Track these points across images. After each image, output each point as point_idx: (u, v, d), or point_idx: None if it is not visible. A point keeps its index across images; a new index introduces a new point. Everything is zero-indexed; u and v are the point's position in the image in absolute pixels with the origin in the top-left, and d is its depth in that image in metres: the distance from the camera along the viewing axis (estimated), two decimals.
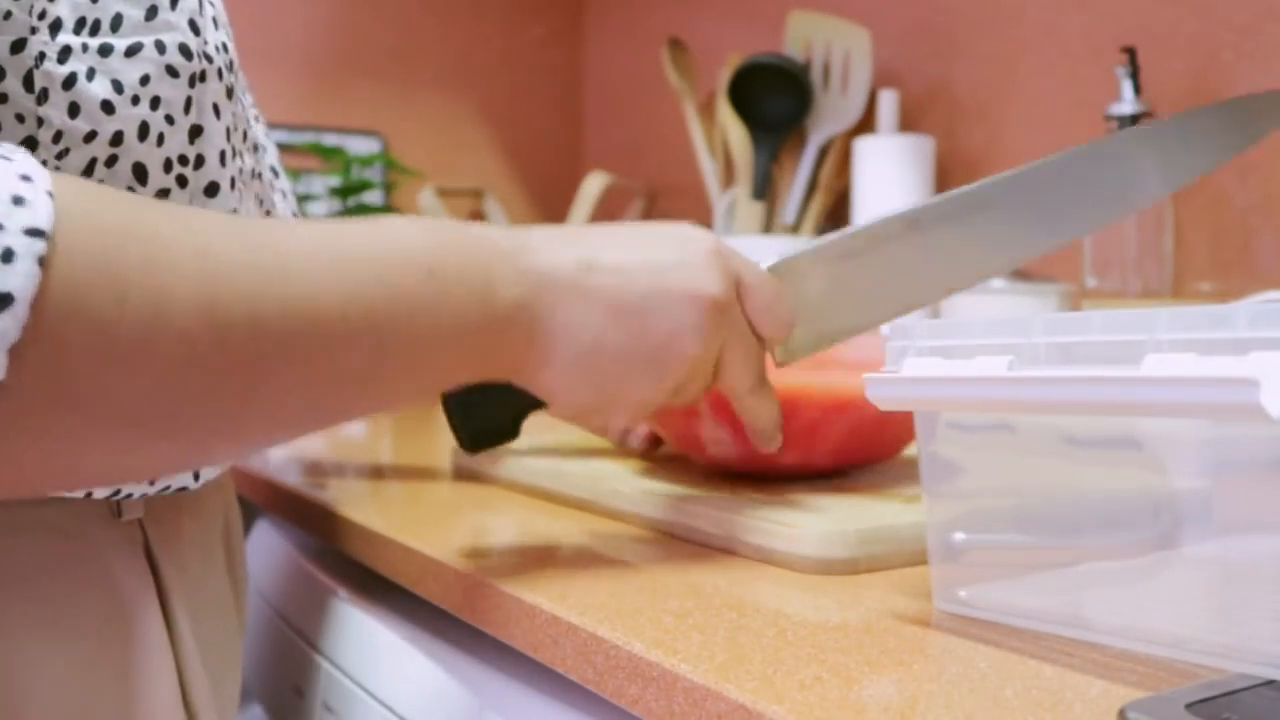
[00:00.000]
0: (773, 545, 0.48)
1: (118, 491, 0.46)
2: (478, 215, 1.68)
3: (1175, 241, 1.01)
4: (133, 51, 0.41)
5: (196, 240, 0.33)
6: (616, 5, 1.85)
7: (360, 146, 1.61)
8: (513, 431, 0.51)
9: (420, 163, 1.63)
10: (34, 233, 0.29)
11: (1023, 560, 0.40)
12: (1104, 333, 0.33)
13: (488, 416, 0.50)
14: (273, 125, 1.26)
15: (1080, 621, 0.37)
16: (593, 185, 1.67)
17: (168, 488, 0.47)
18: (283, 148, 1.16)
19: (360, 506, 0.63)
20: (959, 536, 0.40)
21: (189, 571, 0.50)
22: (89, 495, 0.45)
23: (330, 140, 1.58)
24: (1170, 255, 0.99)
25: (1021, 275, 1.01)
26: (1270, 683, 0.31)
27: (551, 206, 1.74)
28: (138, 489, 0.46)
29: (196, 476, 0.49)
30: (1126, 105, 0.97)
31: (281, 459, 0.87)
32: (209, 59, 0.45)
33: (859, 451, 0.58)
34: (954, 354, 0.37)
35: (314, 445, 0.97)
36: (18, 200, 0.29)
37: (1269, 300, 0.74)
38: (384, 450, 0.96)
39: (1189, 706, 0.29)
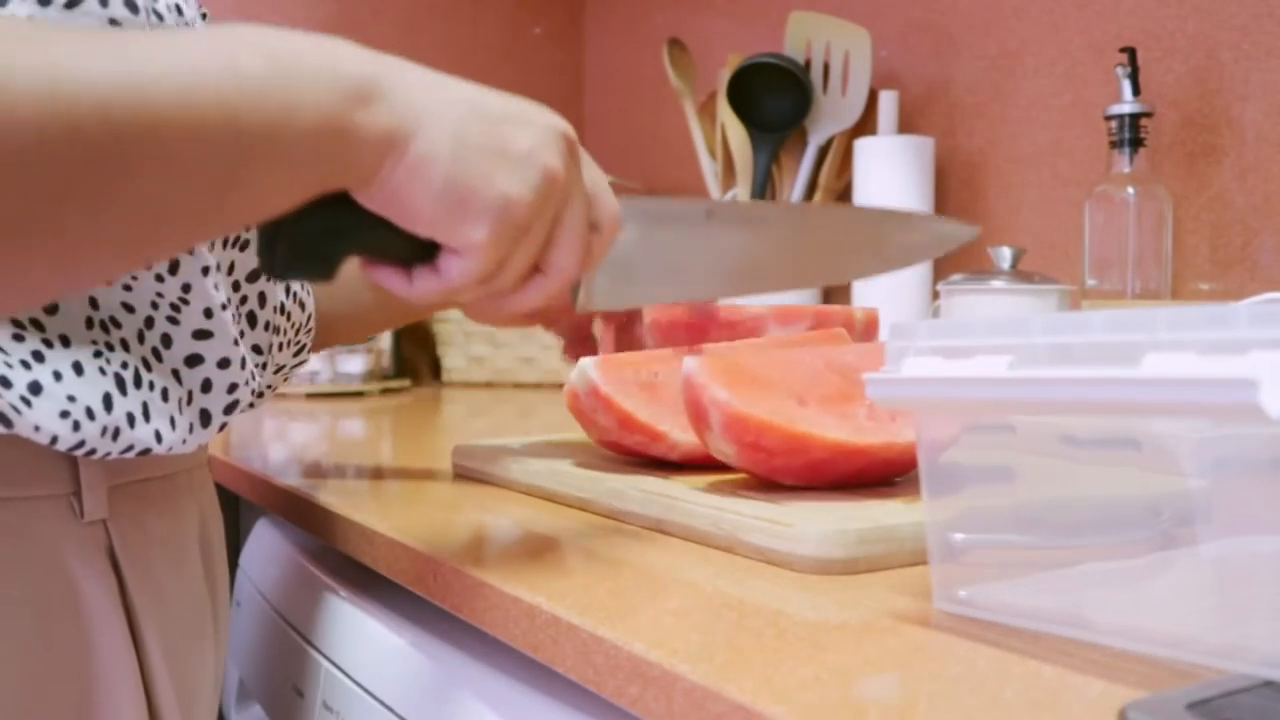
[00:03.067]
0: (772, 545, 0.48)
1: (78, 487, 0.45)
2: None
3: (1175, 241, 1.01)
4: (73, 3, 0.41)
5: (31, 33, 0.32)
6: (616, 5, 1.85)
7: None
8: (329, 268, 0.45)
9: None
10: None
11: (1023, 560, 0.40)
12: (1104, 333, 0.33)
13: (307, 241, 0.44)
14: None
15: (1080, 621, 0.37)
16: None
17: (130, 448, 0.46)
18: None
19: (360, 506, 0.63)
20: (959, 536, 0.40)
21: (157, 576, 0.49)
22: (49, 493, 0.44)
23: None
24: (1170, 255, 0.99)
25: (1021, 275, 1.01)
26: (1270, 683, 0.31)
27: None
28: (97, 477, 0.46)
29: (159, 438, 0.47)
30: (1126, 105, 0.97)
31: (281, 459, 0.87)
32: (159, 16, 0.44)
33: (861, 482, 0.59)
34: (954, 354, 0.37)
35: (314, 445, 0.97)
36: None
37: (1269, 300, 0.74)
38: (384, 450, 0.96)
39: (1189, 706, 0.29)
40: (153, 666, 0.48)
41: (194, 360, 0.49)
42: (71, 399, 0.43)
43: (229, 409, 0.51)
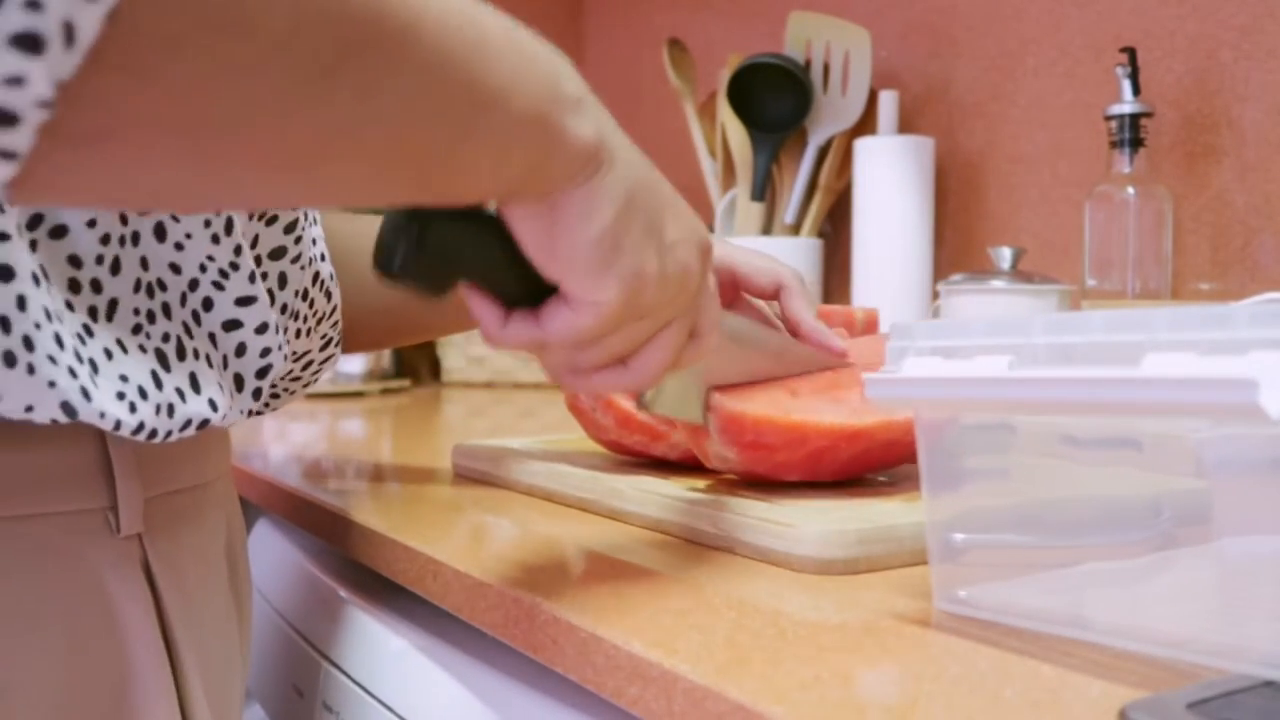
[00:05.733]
0: (772, 545, 0.48)
1: (114, 502, 0.45)
2: None
3: (1175, 241, 1.01)
4: None
5: None
6: (616, 5, 1.85)
7: None
8: (443, 285, 0.43)
9: None
10: None
11: (1023, 560, 0.40)
12: (1104, 333, 0.33)
13: (433, 249, 0.42)
14: None
15: (1080, 621, 0.37)
16: None
17: (189, 423, 0.45)
18: None
19: (360, 506, 0.63)
20: (959, 536, 0.40)
21: (190, 588, 0.49)
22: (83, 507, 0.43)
23: None
24: (1170, 255, 0.99)
25: (1021, 275, 1.01)
26: (1270, 683, 0.31)
27: None
28: (133, 490, 0.45)
29: (214, 406, 0.47)
30: (1126, 105, 0.97)
31: (282, 459, 0.87)
32: None
33: (864, 469, 0.59)
34: (954, 354, 0.37)
35: (314, 445, 0.97)
36: None
37: (1269, 300, 0.74)
38: (384, 450, 0.96)
39: (1189, 706, 0.29)
40: (188, 681, 0.47)
41: (231, 325, 0.49)
42: (124, 378, 0.43)
43: (262, 373, 0.51)
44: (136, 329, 0.45)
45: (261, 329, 0.50)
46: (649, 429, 0.62)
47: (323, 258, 0.59)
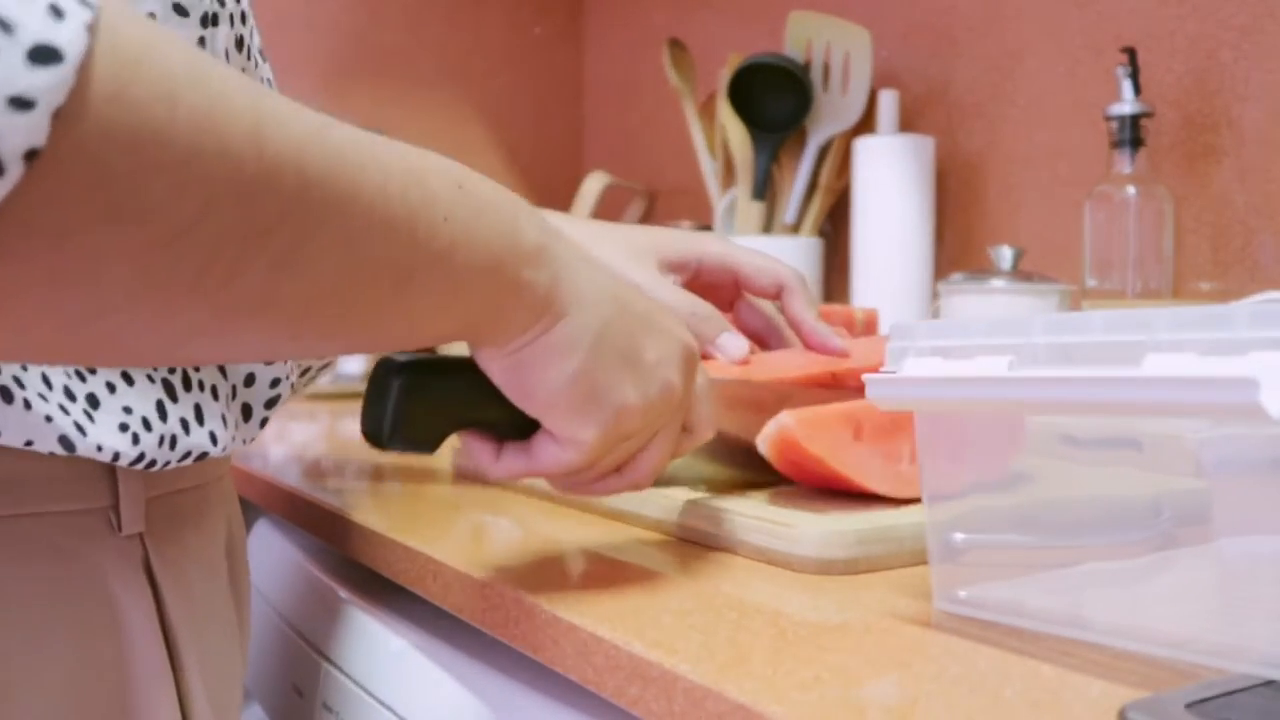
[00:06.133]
0: (773, 545, 0.48)
1: (116, 501, 0.45)
2: None
3: (1175, 241, 1.01)
4: (211, 20, 0.41)
5: (243, 81, 0.31)
6: (616, 5, 1.85)
7: None
8: (433, 443, 0.45)
9: None
10: (82, 1, 0.26)
11: (1023, 560, 0.40)
12: (1104, 333, 0.33)
13: (418, 413, 0.43)
14: None
15: (1080, 621, 0.37)
16: (593, 185, 1.67)
17: (188, 454, 0.45)
18: None
19: (360, 506, 0.63)
20: (959, 536, 0.40)
21: (191, 588, 0.49)
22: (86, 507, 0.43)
23: None
24: (1170, 255, 0.99)
25: (1021, 275, 1.01)
26: (1270, 683, 0.31)
27: (551, 206, 1.74)
28: (135, 490, 0.45)
29: (215, 440, 0.47)
30: (1126, 105, 0.97)
31: (281, 459, 0.87)
32: (220, 2, 0.44)
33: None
34: (954, 354, 0.37)
35: (314, 445, 0.97)
36: None
37: (1269, 300, 0.74)
38: None
39: (1189, 706, 0.29)
40: (189, 681, 0.47)
41: None
42: (128, 410, 0.43)
43: (270, 403, 0.51)
44: None
45: (270, 360, 0.50)
46: None
47: None
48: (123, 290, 0.29)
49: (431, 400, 0.43)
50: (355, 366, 1.48)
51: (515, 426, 0.44)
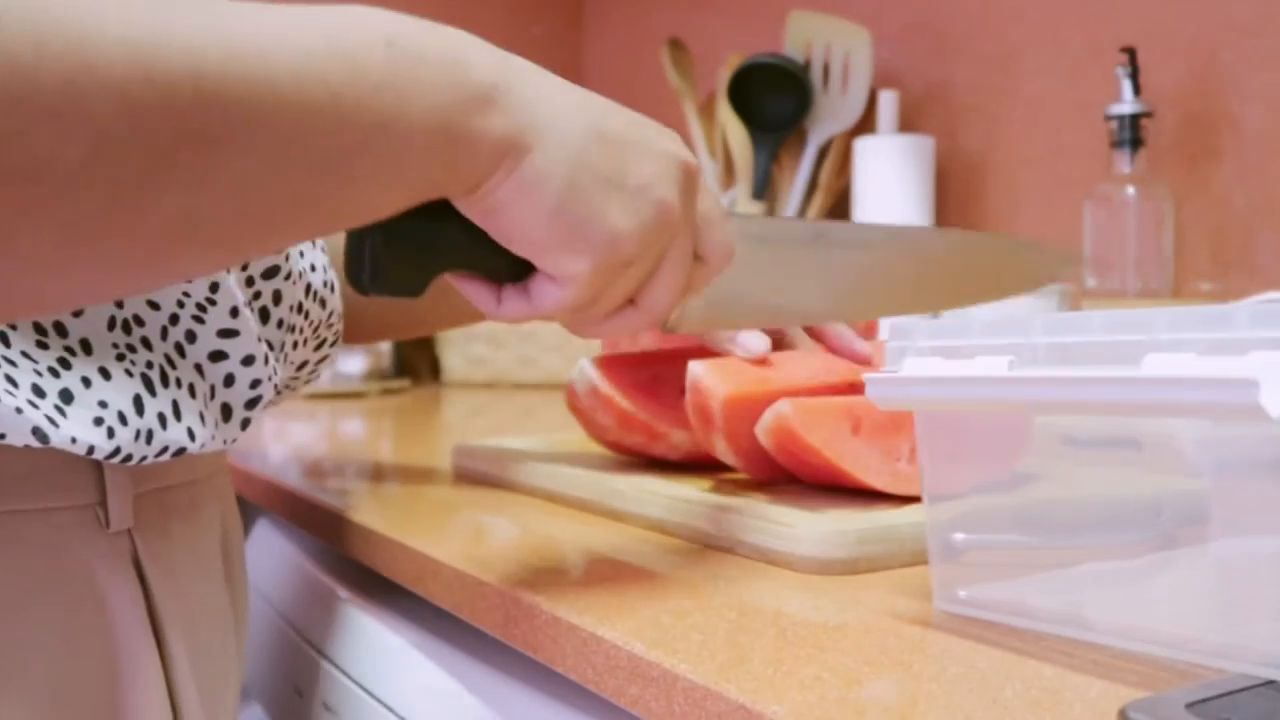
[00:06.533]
0: (773, 545, 0.48)
1: (103, 497, 0.45)
2: None
3: (1175, 241, 1.01)
4: None
5: None
6: (616, 5, 1.85)
7: None
8: (419, 286, 0.43)
9: None
10: None
11: (1023, 560, 0.40)
12: (1104, 333, 0.33)
13: (399, 255, 0.42)
14: None
15: (1080, 621, 0.37)
16: None
17: (165, 449, 0.45)
18: None
19: (360, 506, 0.63)
20: (959, 536, 0.40)
21: (182, 584, 0.49)
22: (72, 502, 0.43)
23: None
24: (1170, 255, 0.99)
25: None
26: (1270, 683, 0.31)
27: None
28: (123, 486, 0.45)
29: (192, 436, 0.46)
30: (1126, 105, 0.97)
31: (281, 459, 0.87)
32: None
33: None
34: (954, 354, 0.37)
35: (314, 445, 0.97)
36: None
37: (1269, 300, 0.74)
38: (384, 450, 0.96)
39: (1189, 706, 0.29)
40: (178, 677, 0.47)
41: (217, 356, 0.49)
42: (103, 404, 0.43)
43: (251, 404, 0.51)
44: (120, 355, 0.45)
45: (248, 361, 0.49)
46: (649, 429, 0.62)
47: (312, 269, 0.59)
48: (34, 245, 0.29)
49: (415, 245, 0.41)
50: (355, 366, 1.48)
51: (510, 267, 0.42)
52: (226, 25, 0.31)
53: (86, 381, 0.43)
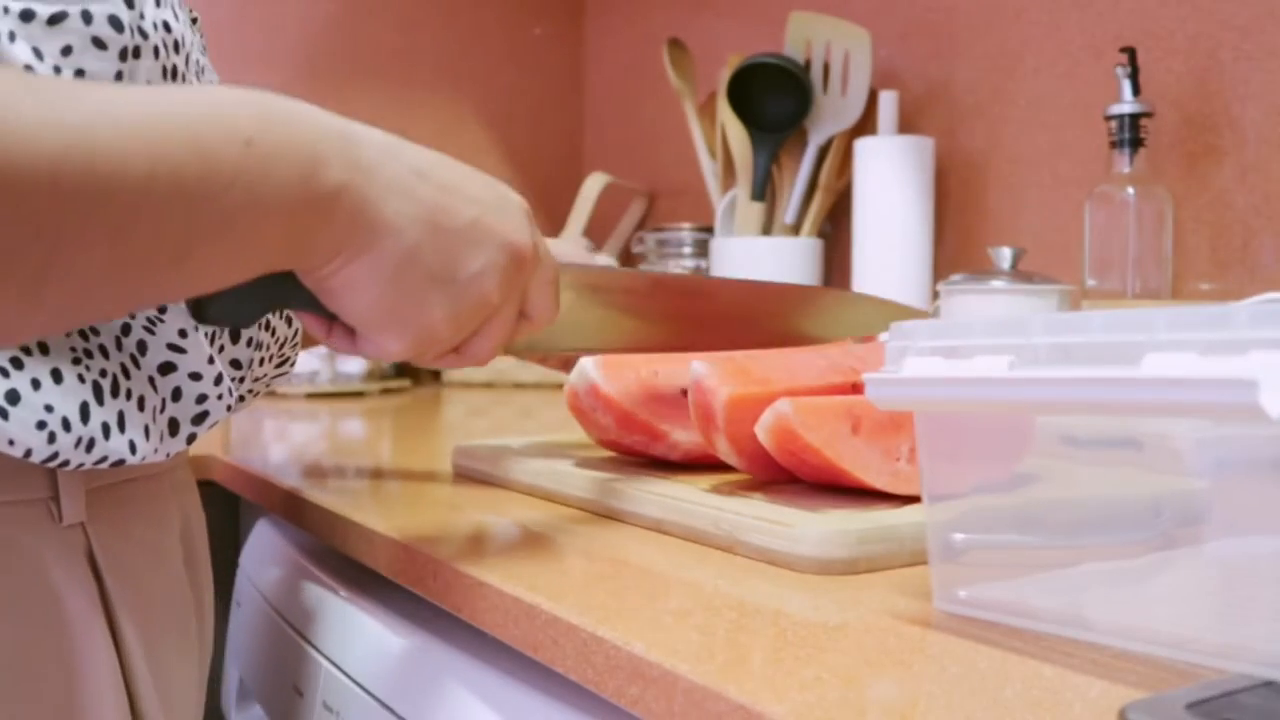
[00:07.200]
0: (773, 545, 0.48)
1: (55, 492, 0.45)
2: None
3: (1175, 241, 1.01)
4: (56, 20, 0.41)
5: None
6: (616, 5, 1.86)
7: None
8: (254, 319, 0.47)
9: None
10: None
11: (1023, 560, 0.40)
12: (1104, 333, 0.33)
13: (240, 297, 0.45)
14: None
15: (1080, 621, 0.37)
16: (593, 185, 1.67)
17: (104, 459, 0.45)
18: None
19: (360, 506, 0.63)
20: (959, 536, 0.40)
21: (139, 576, 0.49)
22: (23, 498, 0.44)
23: None
24: (1170, 255, 0.99)
25: (1021, 275, 1.01)
26: (1270, 683, 0.31)
27: (551, 206, 1.74)
28: (75, 481, 0.45)
29: (134, 449, 0.46)
30: (1126, 105, 0.97)
31: (281, 459, 0.87)
32: (144, 34, 0.44)
33: None
34: (954, 354, 0.37)
35: (314, 445, 0.97)
36: None
37: (1269, 300, 0.74)
38: (384, 450, 0.96)
39: (1189, 706, 0.29)
40: (135, 669, 0.47)
41: (167, 368, 0.49)
42: (49, 409, 0.43)
43: (197, 419, 0.50)
44: (76, 360, 0.45)
45: (195, 376, 0.50)
46: (649, 429, 0.62)
47: None
48: None
49: (252, 286, 0.44)
50: (355, 366, 1.48)
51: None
52: (89, 128, 0.33)
53: (36, 384, 0.43)
